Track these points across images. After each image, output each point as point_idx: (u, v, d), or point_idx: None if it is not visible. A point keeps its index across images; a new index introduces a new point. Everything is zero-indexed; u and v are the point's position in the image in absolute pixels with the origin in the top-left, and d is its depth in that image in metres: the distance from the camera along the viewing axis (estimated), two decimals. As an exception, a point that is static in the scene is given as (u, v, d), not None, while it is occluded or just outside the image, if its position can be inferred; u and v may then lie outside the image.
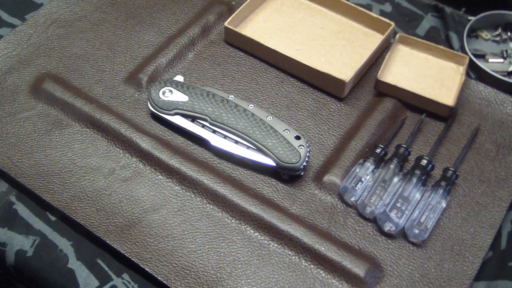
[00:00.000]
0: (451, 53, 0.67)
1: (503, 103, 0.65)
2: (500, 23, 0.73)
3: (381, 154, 0.59)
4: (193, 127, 0.60)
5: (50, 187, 0.57)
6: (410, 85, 0.64)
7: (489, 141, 0.62)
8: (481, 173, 0.59)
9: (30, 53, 0.68)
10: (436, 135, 0.62)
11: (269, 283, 0.52)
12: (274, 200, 0.57)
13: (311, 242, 0.53)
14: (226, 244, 0.54)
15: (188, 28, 0.70)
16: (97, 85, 0.66)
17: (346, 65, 0.67)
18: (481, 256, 0.54)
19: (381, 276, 0.53)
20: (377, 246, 0.54)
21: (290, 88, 0.66)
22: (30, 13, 0.74)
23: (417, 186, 0.56)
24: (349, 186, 0.56)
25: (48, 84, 0.64)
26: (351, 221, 0.56)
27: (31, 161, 0.59)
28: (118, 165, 0.59)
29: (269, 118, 0.59)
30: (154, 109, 0.61)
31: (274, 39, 0.69)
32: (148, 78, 0.66)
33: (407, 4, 0.76)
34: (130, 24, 0.72)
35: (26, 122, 0.62)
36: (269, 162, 0.57)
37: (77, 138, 0.61)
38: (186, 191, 0.57)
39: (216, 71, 0.67)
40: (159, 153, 0.59)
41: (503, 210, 0.57)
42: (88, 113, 0.62)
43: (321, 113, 0.64)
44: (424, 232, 0.54)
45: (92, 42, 0.70)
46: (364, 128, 0.62)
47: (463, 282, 0.52)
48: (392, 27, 0.68)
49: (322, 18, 0.72)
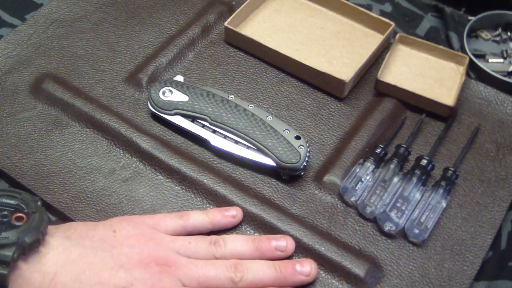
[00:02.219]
0: (451, 53, 0.67)
1: (503, 103, 0.65)
2: (500, 23, 0.73)
3: (381, 154, 0.59)
4: (193, 127, 0.60)
5: (50, 187, 0.57)
6: (410, 85, 0.64)
7: (489, 141, 0.62)
8: (481, 173, 0.59)
9: (30, 53, 0.68)
10: (436, 135, 0.62)
11: (269, 283, 0.52)
12: (274, 200, 0.57)
13: (311, 242, 0.53)
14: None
15: (188, 28, 0.70)
16: (97, 85, 0.66)
17: (346, 65, 0.67)
18: (481, 256, 0.54)
19: (381, 276, 0.53)
20: (377, 246, 0.54)
21: (290, 88, 0.66)
22: (30, 13, 0.74)
23: (417, 186, 0.56)
24: (349, 186, 0.56)
25: (48, 84, 0.64)
26: (351, 221, 0.56)
27: (31, 162, 0.59)
28: (118, 165, 0.59)
29: (269, 118, 0.59)
30: (154, 109, 0.61)
31: (274, 39, 0.69)
32: (148, 78, 0.66)
33: (407, 4, 0.76)
34: (130, 24, 0.72)
35: (26, 122, 0.62)
36: (269, 162, 0.57)
37: (77, 138, 0.61)
38: (186, 191, 0.57)
39: (216, 71, 0.67)
40: (159, 153, 0.59)
41: (503, 210, 0.57)
42: (88, 113, 0.62)
43: (321, 113, 0.64)
44: (424, 232, 0.54)
45: (92, 42, 0.70)
46: (364, 128, 0.62)
47: (463, 282, 0.52)
48: (392, 27, 0.68)
49: (322, 18, 0.72)
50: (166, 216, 0.53)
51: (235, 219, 0.54)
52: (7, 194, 0.46)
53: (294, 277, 0.50)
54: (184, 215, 0.53)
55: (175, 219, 0.53)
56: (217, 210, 0.55)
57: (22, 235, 0.43)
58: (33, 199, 0.47)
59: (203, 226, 0.53)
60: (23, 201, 0.46)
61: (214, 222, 0.54)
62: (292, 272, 0.50)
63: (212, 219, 0.53)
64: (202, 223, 0.53)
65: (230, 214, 0.54)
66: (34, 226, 0.45)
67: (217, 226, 0.54)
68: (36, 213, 0.46)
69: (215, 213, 0.54)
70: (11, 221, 0.44)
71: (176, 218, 0.53)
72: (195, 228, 0.53)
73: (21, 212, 0.45)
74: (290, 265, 0.51)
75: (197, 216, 0.53)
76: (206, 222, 0.53)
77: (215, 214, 0.54)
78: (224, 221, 0.54)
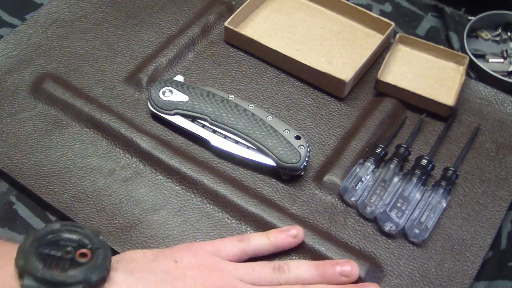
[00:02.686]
0: (451, 53, 0.67)
1: (503, 103, 0.65)
2: (500, 23, 0.73)
3: (381, 154, 0.59)
4: (193, 127, 0.60)
5: (50, 187, 0.57)
6: (410, 85, 0.64)
7: (489, 141, 0.62)
8: (481, 173, 0.59)
9: (30, 53, 0.68)
10: (436, 135, 0.62)
11: (269, 283, 0.52)
12: (274, 200, 0.57)
13: (311, 242, 0.53)
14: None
15: (188, 28, 0.70)
16: (97, 85, 0.66)
17: (346, 65, 0.67)
18: (482, 255, 0.54)
19: (381, 276, 0.53)
20: (377, 246, 0.54)
21: (290, 88, 0.66)
22: (30, 13, 0.74)
23: (417, 186, 0.56)
24: (349, 186, 0.56)
25: (48, 84, 0.64)
26: (351, 221, 0.56)
27: (31, 162, 0.59)
28: (118, 165, 0.59)
29: (269, 118, 0.59)
30: (154, 109, 0.61)
31: (274, 39, 0.69)
32: (148, 78, 0.66)
33: (407, 4, 0.76)
34: (130, 24, 0.72)
35: (26, 122, 0.62)
36: (269, 162, 0.57)
37: (77, 138, 0.61)
38: (186, 191, 0.57)
39: (216, 71, 0.67)
40: (159, 153, 0.59)
41: (503, 210, 0.57)
42: (88, 113, 0.62)
43: (321, 113, 0.64)
44: (424, 232, 0.54)
45: (92, 42, 0.70)
46: (364, 128, 0.62)
47: (463, 282, 0.52)
48: (392, 27, 0.68)
49: (322, 18, 0.72)
50: (227, 242, 0.51)
51: (296, 239, 0.53)
52: (69, 229, 0.45)
53: None
54: (244, 239, 0.52)
55: (236, 244, 0.51)
56: (277, 232, 0.53)
57: (88, 273, 0.42)
58: (95, 234, 0.46)
59: (265, 249, 0.52)
60: (86, 236, 0.45)
61: (275, 245, 0.52)
62: None
63: (273, 241, 0.52)
64: (264, 246, 0.52)
65: (291, 234, 0.53)
66: (100, 264, 0.44)
67: (279, 248, 0.53)
68: (100, 248, 0.45)
69: (276, 235, 0.52)
70: (76, 258, 0.43)
71: (236, 242, 0.51)
72: (256, 251, 0.52)
73: (84, 248, 0.44)
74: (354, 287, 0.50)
75: (258, 239, 0.52)
76: (267, 245, 0.52)
77: (276, 236, 0.52)
78: (286, 242, 0.53)
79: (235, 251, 0.51)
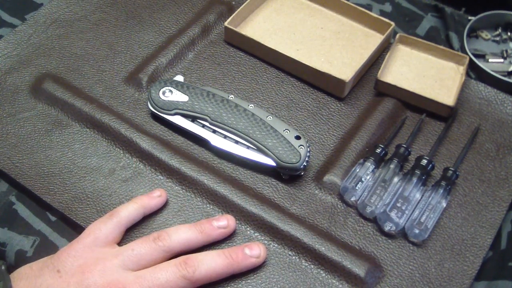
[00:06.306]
0: (451, 53, 0.67)
1: (503, 103, 0.65)
2: (500, 23, 0.73)
3: (381, 154, 0.59)
4: (193, 127, 0.60)
5: (50, 187, 0.57)
6: (410, 85, 0.64)
7: (489, 141, 0.62)
8: (481, 173, 0.59)
9: (30, 53, 0.68)
10: (436, 135, 0.62)
11: (269, 283, 0.52)
12: (274, 200, 0.57)
13: (311, 242, 0.53)
14: (226, 244, 0.54)
15: (188, 28, 0.70)
16: (97, 85, 0.66)
17: (346, 65, 0.67)
18: (482, 255, 0.54)
19: (381, 276, 0.53)
20: (377, 246, 0.54)
21: (290, 88, 0.66)
22: (30, 13, 0.74)
23: (417, 186, 0.56)
24: (349, 186, 0.56)
25: (48, 84, 0.64)
26: (351, 221, 0.56)
27: (31, 162, 0.59)
28: (118, 166, 0.59)
29: (269, 118, 0.59)
30: (154, 109, 0.61)
31: (274, 39, 0.69)
32: (148, 78, 0.66)
33: (407, 4, 0.76)
34: (130, 24, 0.72)
35: (26, 122, 0.62)
36: (269, 162, 0.57)
37: (77, 138, 0.61)
38: (186, 191, 0.57)
39: (216, 71, 0.67)
40: (159, 153, 0.59)
41: (503, 210, 0.57)
42: (88, 113, 0.62)
43: (321, 113, 0.64)
44: (424, 232, 0.54)
45: (92, 42, 0.70)
46: (364, 128, 0.62)
47: (463, 282, 0.52)
48: (392, 27, 0.68)
49: (322, 18, 0.72)
50: (99, 224, 0.52)
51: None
52: None
53: (246, 261, 0.51)
54: (113, 213, 0.53)
55: (107, 222, 0.52)
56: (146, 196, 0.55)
57: None
58: None
59: (136, 214, 0.54)
60: None
61: (143, 205, 0.54)
62: (243, 257, 0.51)
63: (141, 204, 0.54)
64: (134, 211, 0.54)
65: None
66: None
67: (151, 210, 0.55)
68: (0, 281, 0.45)
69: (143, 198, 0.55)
70: None
71: (107, 220, 0.52)
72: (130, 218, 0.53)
73: None
74: (239, 250, 0.51)
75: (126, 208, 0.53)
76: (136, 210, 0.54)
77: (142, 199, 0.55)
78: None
79: (111, 229, 0.52)
